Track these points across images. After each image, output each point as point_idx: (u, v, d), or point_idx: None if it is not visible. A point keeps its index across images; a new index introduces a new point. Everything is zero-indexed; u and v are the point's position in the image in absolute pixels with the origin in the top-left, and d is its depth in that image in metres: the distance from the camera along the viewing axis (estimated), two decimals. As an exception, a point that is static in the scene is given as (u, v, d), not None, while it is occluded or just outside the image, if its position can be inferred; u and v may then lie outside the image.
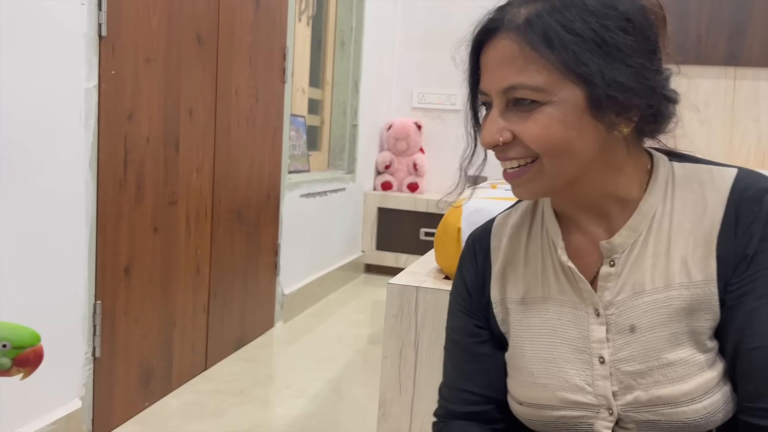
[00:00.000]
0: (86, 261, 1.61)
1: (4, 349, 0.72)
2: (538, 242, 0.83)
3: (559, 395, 0.77)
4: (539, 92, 0.69)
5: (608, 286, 0.76)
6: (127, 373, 1.81)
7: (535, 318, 0.81)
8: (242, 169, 2.39)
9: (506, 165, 0.74)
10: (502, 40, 0.70)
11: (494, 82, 0.71)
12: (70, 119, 1.52)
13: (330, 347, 2.59)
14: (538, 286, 0.82)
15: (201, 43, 2.05)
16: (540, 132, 0.70)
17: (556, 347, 0.79)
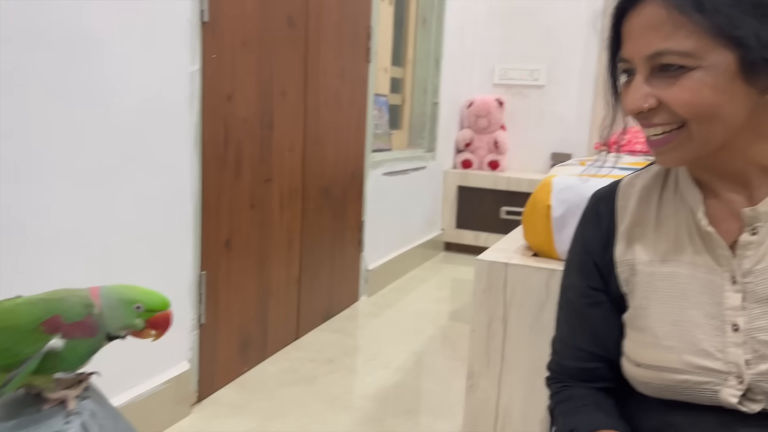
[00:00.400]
0: (192, 234, 1.73)
1: (138, 311, 0.76)
2: (671, 206, 0.82)
3: (684, 358, 0.75)
4: (688, 57, 0.67)
5: (747, 254, 0.74)
6: (228, 339, 1.94)
7: (665, 281, 0.79)
8: (329, 148, 2.47)
9: (650, 132, 0.73)
10: (648, 6, 0.69)
11: (638, 48, 0.70)
12: (176, 101, 1.63)
13: (412, 322, 2.65)
14: (670, 249, 0.80)
15: (291, 25, 2.12)
16: (688, 97, 0.68)
17: (685, 311, 0.77)
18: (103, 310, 0.73)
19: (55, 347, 0.68)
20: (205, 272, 1.79)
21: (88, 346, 0.72)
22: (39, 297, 0.72)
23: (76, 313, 0.71)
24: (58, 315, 0.70)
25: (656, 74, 0.70)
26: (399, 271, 3.34)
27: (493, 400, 1.51)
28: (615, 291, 0.84)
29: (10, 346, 0.66)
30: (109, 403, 0.81)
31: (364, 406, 1.87)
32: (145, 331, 0.78)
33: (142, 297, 0.76)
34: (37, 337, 0.67)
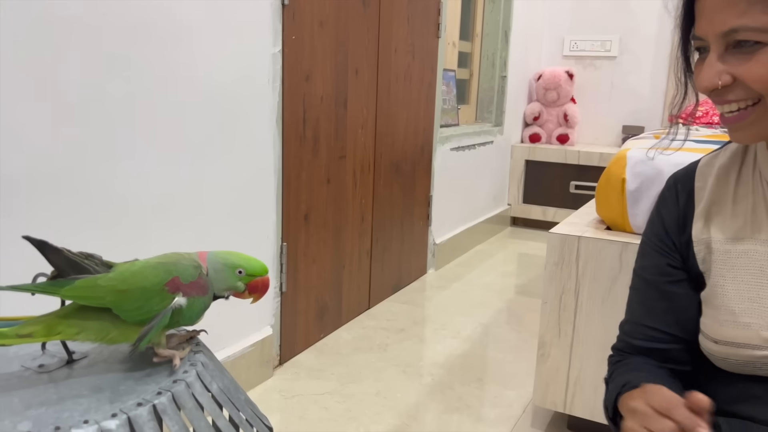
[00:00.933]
0: (274, 207, 1.84)
1: (240, 275, 0.83)
2: (749, 184, 0.82)
3: (763, 334, 0.76)
4: (764, 33, 0.67)
5: None
6: (307, 307, 2.05)
7: (742, 258, 0.80)
8: (400, 124, 2.52)
9: (725, 109, 0.73)
10: None
11: (712, 26, 0.70)
12: (260, 82, 1.72)
13: (480, 294, 2.70)
14: (747, 226, 0.81)
15: (365, 5, 2.17)
16: (765, 72, 0.68)
17: (763, 287, 0.78)
18: (210, 273, 0.82)
19: (179, 304, 0.77)
20: (285, 244, 1.90)
21: (202, 303, 0.81)
22: (156, 260, 0.81)
23: (190, 274, 0.79)
24: (177, 276, 0.78)
25: (731, 51, 0.70)
26: (466, 245, 3.39)
27: (564, 370, 1.55)
28: (693, 269, 0.85)
29: (142, 304, 0.75)
30: (216, 358, 0.91)
31: (435, 372, 1.95)
32: (245, 293, 0.84)
33: (243, 263, 0.83)
34: (163, 296, 0.76)
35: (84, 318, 0.73)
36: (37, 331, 0.70)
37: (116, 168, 1.34)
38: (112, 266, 0.78)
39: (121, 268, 0.77)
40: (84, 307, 0.73)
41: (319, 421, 1.64)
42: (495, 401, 1.79)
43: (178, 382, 0.76)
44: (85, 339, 0.73)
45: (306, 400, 1.75)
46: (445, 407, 1.74)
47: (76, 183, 1.26)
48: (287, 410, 1.69)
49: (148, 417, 0.69)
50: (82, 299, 0.71)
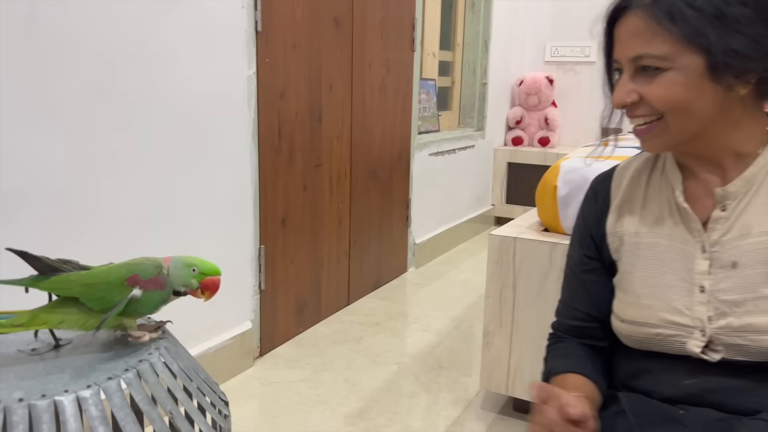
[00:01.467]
0: (252, 213, 2.03)
1: (194, 273, 0.99)
2: (657, 185, 0.93)
3: (659, 315, 0.88)
4: (663, 60, 0.79)
5: (717, 227, 0.86)
6: (286, 303, 2.25)
7: (647, 250, 0.92)
8: (376, 134, 2.71)
9: (635, 122, 0.85)
10: (632, 16, 0.81)
11: (625, 51, 0.82)
12: (236, 101, 1.92)
13: (456, 291, 2.88)
14: (653, 223, 0.92)
15: (338, 26, 2.36)
16: (663, 93, 0.80)
17: (663, 275, 0.89)
18: (170, 270, 1.00)
19: (135, 296, 0.95)
20: (263, 246, 2.09)
21: (159, 296, 0.97)
22: (125, 262, 1.00)
23: (150, 272, 0.97)
24: (137, 273, 0.96)
25: (639, 73, 0.82)
26: (448, 244, 3.57)
27: (505, 357, 1.73)
28: (607, 258, 0.97)
29: (104, 295, 0.93)
30: (180, 344, 1.10)
31: (401, 361, 2.14)
32: (198, 291, 1.00)
33: (197, 263, 0.99)
34: (122, 289, 0.94)
35: (65, 311, 0.92)
36: (27, 321, 0.89)
37: (105, 183, 1.54)
38: (88, 268, 0.97)
39: (94, 269, 0.96)
40: (65, 301, 0.92)
41: (291, 405, 1.84)
42: (452, 386, 1.98)
43: (143, 362, 0.95)
44: (68, 327, 0.92)
45: (281, 387, 1.95)
46: (406, 392, 1.93)
47: (69, 196, 1.46)
48: (263, 396, 1.89)
49: (116, 388, 0.88)
50: (56, 290, 0.90)
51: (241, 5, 1.88)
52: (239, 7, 1.87)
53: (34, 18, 1.34)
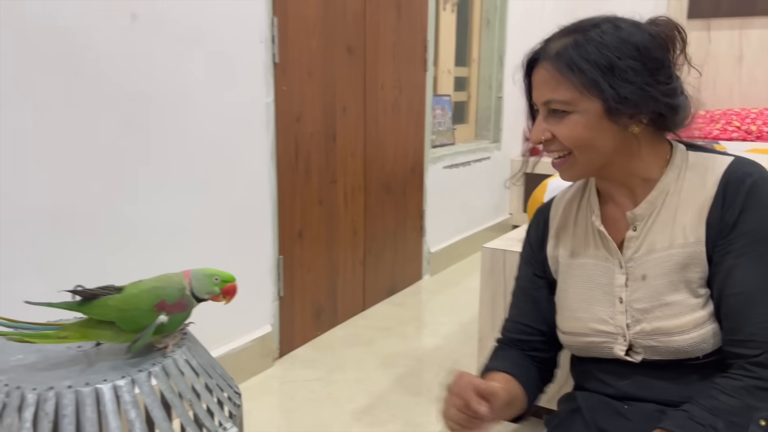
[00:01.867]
0: (271, 227, 2.24)
1: (216, 282, 1.15)
2: (584, 211, 1.08)
3: (589, 325, 1.02)
4: (567, 104, 0.93)
5: (630, 245, 1.00)
6: (303, 309, 2.44)
7: (578, 269, 1.06)
8: (389, 150, 2.89)
9: (551, 156, 0.99)
10: (541, 67, 0.95)
11: (538, 96, 0.97)
12: (256, 126, 2.13)
13: (467, 297, 3.04)
14: (581, 244, 1.06)
15: (351, 53, 2.56)
16: (569, 132, 0.94)
17: (591, 290, 1.03)
18: (193, 283, 1.14)
19: (162, 321, 1.12)
20: (282, 256, 2.29)
21: (182, 317, 1.13)
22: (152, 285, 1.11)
23: (174, 296, 1.11)
24: (164, 299, 1.11)
25: (551, 115, 0.96)
26: (464, 252, 3.73)
27: (498, 359, 1.89)
28: (550, 278, 1.13)
29: (136, 320, 1.10)
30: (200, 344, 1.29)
31: (408, 364, 2.31)
32: (219, 296, 1.15)
33: (217, 273, 1.15)
34: (152, 315, 1.10)
35: (102, 328, 1.10)
36: (70, 335, 1.08)
37: (134, 204, 1.76)
38: (121, 289, 1.14)
39: (127, 290, 1.12)
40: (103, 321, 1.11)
41: (305, 401, 2.03)
42: (454, 387, 2.14)
43: (167, 358, 1.15)
44: (104, 341, 1.10)
45: (297, 385, 2.14)
46: (410, 391, 2.10)
47: (103, 216, 1.68)
48: (281, 392, 2.09)
49: (145, 378, 1.08)
50: (95, 315, 1.08)
51: (260, 40, 2.09)
52: (258, 42, 2.08)
53: (80, 59, 1.56)
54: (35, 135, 1.49)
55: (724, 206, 0.94)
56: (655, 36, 0.94)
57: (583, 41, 0.92)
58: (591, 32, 0.93)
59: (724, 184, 0.94)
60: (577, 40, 0.92)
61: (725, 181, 0.94)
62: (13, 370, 1.05)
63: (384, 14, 2.74)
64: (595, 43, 0.91)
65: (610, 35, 0.92)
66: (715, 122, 3.68)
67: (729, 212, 0.93)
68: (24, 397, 0.98)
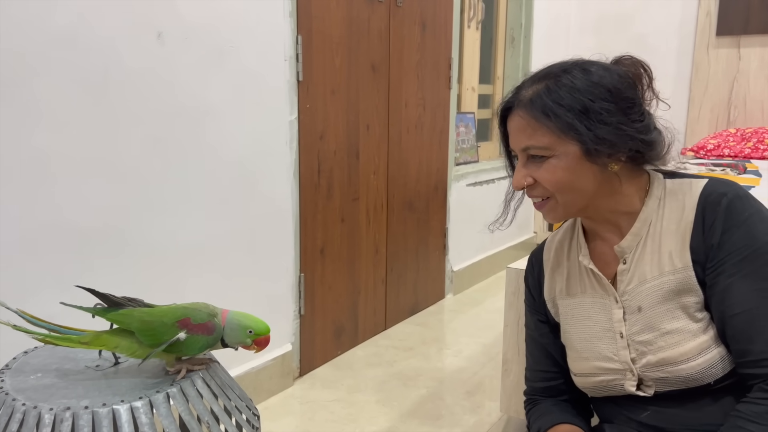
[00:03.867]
0: (293, 244, 2.22)
1: (250, 334, 1.11)
2: (575, 251, 1.08)
3: (595, 364, 1.01)
4: (545, 150, 0.94)
5: (623, 279, 1.00)
6: (324, 327, 2.42)
7: (576, 309, 1.06)
8: (412, 168, 2.88)
9: (533, 200, 1.00)
10: (516, 115, 0.96)
11: (515, 143, 0.98)
12: (279, 143, 2.13)
13: (491, 318, 2.99)
14: (576, 284, 1.06)
15: (375, 71, 2.55)
16: (549, 177, 0.95)
17: (591, 329, 1.03)
18: (226, 329, 1.11)
19: (180, 338, 1.10)
20: (303, 274, 2.28)
21: (204, 341, 1.09)
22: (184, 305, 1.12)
23: (202, 318, 1.09)
24: (189, 317, 1.10)
25: (530, 160, 0.96)
26: (487, 271, 3.68)
27: (522, 382, 1.84)
28: (553, 321, 1.12)
29: (156, 333, 1.09)
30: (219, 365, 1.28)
31: (430, 385, 2.27)
32: (251, 347, 1.13)
33: (253, 325, 1.11)
34: (173, 330, 1.09)
35: (122, 338, 1.09)
36: (91, 341, 1.08)
37: (158, 221, 1.76)
38: (152, 306, 1.13)
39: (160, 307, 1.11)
40: (123, 330, 1.11)
41: (325, 422, 2.00)
42: (477, 410, 2.09)
43: (186, 379, 1.13)
44: (121, 352, 1.09)
45: (317, 405, 2.11)
46: (432, 414, 2.06)
47: (127, 233, 1.68)
48: (300, 413, 2.06)
49: (162, 400, 1.06)
50: (118, 322, 1.08)
51: (284, 59, 2.10)
52: (282, 60, 2.09)
53: (107, 77, 1.58)
54: (61, 151, 1.50)
55: (705, 229, 0.93)
56: (624, 76, 0.95)
57: (554, 87, 0.92)
58: (562, 78, 0.93)
59: (701, 207, 0.94)
60: (548, 86, 0.93)
61: (702, 205, 0.94)
62: (31, 389, 1.04)
63: (408, 32, 2.74)
64: (567, 88, 0.91)
65: (580, 79, 0.92)
66: (746, 141, 3.59)
67: (711, 234, 0.93)
68: (41, 417, 0.97)
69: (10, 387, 1.05)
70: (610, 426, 1.08)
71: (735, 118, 3.96)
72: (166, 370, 1.13)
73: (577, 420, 1.10)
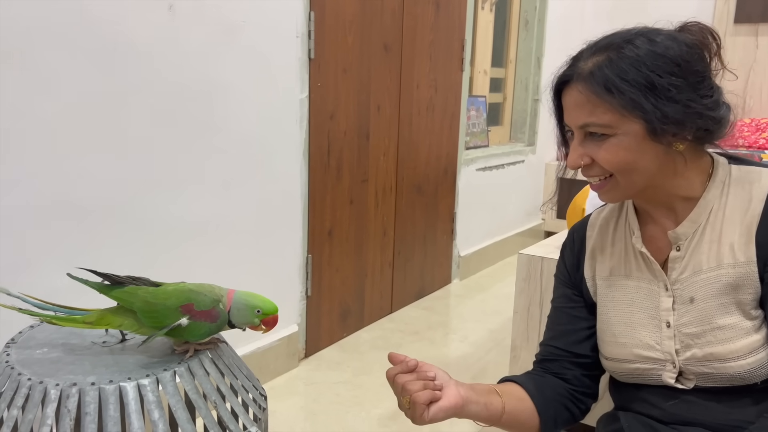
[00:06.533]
0: (301, 225, 2.20)
1: (258, 314, 1.07)
2: (622, 231, 1.03)
3: (634, 351, 0.97)
4: (607, 128, 0.87)
5: (675, 266, 0.94)
6: (330, 309, 2.40)
7: (618, 291, 1.01)
8: (422, 150, 2.84)
9: (590, 179, 0.94)
10: (574, 89, 0.89)
11: (572, 119, 0.90)
12: (289, 122, 2.09)
13: (497, 304, 2.97)
14: (621, 266, 1.01)
15: (387, 50, 2.51)
16: (610, 157, 0.88)
17: (634, 314, 0.98)
18: (233, 310, 1.07)
19: (182, 324, 1.04)
20: (311, 255, 2.26)
21: (206, 327, 1.06)
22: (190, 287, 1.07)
23: (206, 304, 1.05)
24: (193, 303, 1.05)
25: (588, 138, 0.90)
26: (494, 257, 3.65)
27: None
28: (588, 300, 1.07)
29: (158, 316, 1.06)
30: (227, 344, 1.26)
31: (436, 370, 2.25)
32: (259, 327, 1.09)
33: (261, 304, 1.07)
34: (175, 314, 1.04)
35: (125, 316, 1.07)
36: (95, 320, 1.06)
37: (166, 198, 1.74)
38: (160, 285, 1.11)
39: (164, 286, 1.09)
40: (128, 309, 1.08)
41: (330, 404, 1.99)
42: (483, 396, 2.08)
43: (194, 358, 1.11)
44: (125, 329, 1.07)
45: (322, 387, 2.10)
46: (438, 399, 2.05)
47: (134, 209, 1.66)
48: (305, 394, 2.05)
49: (170, 378, 1.05)
50: (121, 300, 1.04)
51: (296, 35, 2.06)
52: (294, 36, 2.05)
53: (116, 49, 1.55)
54: (67, 125, 1.48)
55: None
56: (692, 46, 0.87)
57: (617, 59, 0.85)
58: (625, 49, 0.86)
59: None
60: (611, 58, 0.86)
61: None
62: (37, 364, 1.02)
63: (422, 12, 2.68)
64: (632, 61, 0.84)
65: (645, 51, 0.85)
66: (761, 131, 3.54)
67: None
68: (47, 392, 0.95)
69: (15, 361, 1.03)
70: (625, 414, 1.05)
71: (750, 108, 3.90)
72: (173, 348, 1.11)
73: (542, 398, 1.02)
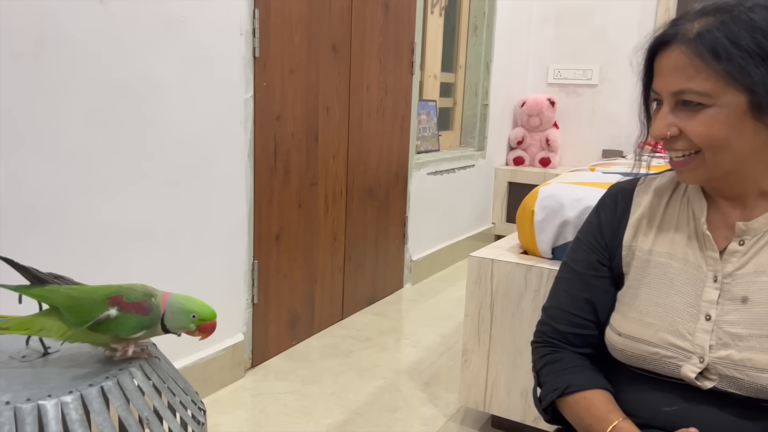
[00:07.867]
0: (246, 230, 2.12)
1: (194, 319, 1.01)
2: (676, 208, 0.93)
3: (660, 335, 0.88)
4: (705, 96, 0.79)
5: (732, 260, 0.86)
6: (278, 317, 2.32)
7: (657, 269, 0.92)
8: (373, 154, 2.80)
9: (673, 154, 0.85)
10: (675, 51, 0.80)
11: (666, 85, 0.82)
12: (233, 123, 2.01)
13: (449, 308, 2.95)
14: (668, 243, 0.92)
15: (336, 51, 2.46)
16: (703, 130, 0.80)
17: (670, 297, 0.89)
18: (167, 312, 1.01)
19: (110, 315, 0.97)
20: (257, 261, 2.18)
21: (137, 320, 0.99)
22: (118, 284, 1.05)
23: (136, 297, 0.99)
24: (121, 295, 1.00)
25: (680, 107, 0.82)
26: (446, 261, 3.64)
27: (483, 374, 1.80)
28: (617, 269, 0.97)
29: (84, 310, 0.98)
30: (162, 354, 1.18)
31: (387, 376, 2.21)
32: (196, 332, 1.03)
33: (197, 309, 1.01)
34: (103, 307, 0.99)
35: (47, 319, 0.99)
36: (13, 326, 0.97)
37: (102, 202, 1.64)
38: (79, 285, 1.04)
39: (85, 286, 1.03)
40: (51, 311, 1.00)
41: (277, 415, 1.91)
42: (435, 402, 2.04)
43: (123, 371, 1.03)
44: (47, 335, 0.98)
45: (269, 398, 2.02)
46: (389, 406, 2.00)
47: (69, 215, 1.56)
48: (251, 406, 1.97)
49: (96, 395, 0.96)
50: (43, 299, 0.96)
51: (240, 33, 1.98)
52: (237, 34, 1.98)
53: (42, 43, 1.44)
54: (-12, 122, 1.37)
55: None
56: None
57: (730, 22, 0.77)
58: (737, 11, 0.78)
59: None
60: (723, 21, 0.78)
61: None
62: (-57, 383, 0.93)
63: (371, 13, 2.65)
64: (746, 26, 0.77)
65: (763, 17, 0.77)
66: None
67: None
68: (-48, 414, 0.86)
69: None
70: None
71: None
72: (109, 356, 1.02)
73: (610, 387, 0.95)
